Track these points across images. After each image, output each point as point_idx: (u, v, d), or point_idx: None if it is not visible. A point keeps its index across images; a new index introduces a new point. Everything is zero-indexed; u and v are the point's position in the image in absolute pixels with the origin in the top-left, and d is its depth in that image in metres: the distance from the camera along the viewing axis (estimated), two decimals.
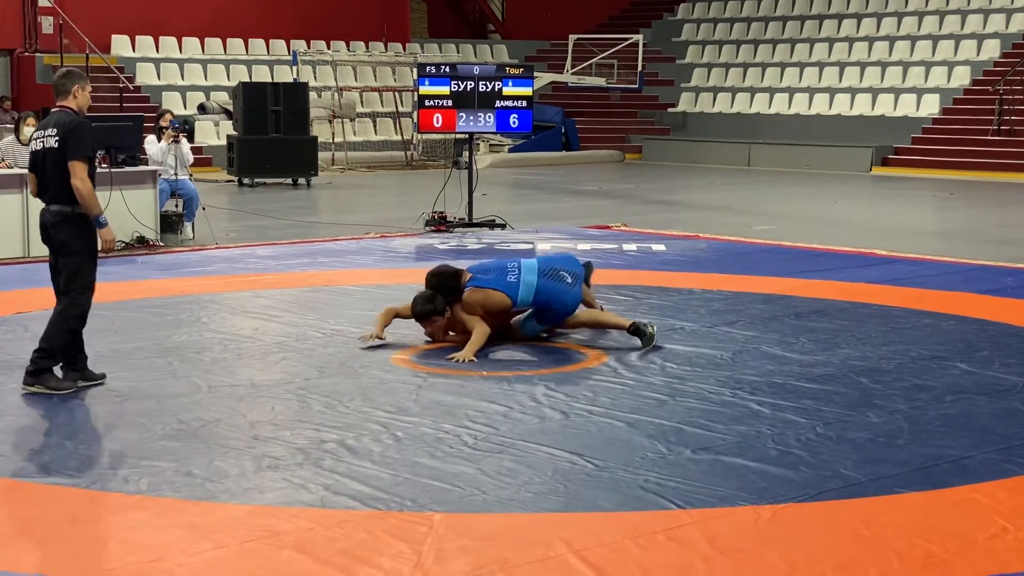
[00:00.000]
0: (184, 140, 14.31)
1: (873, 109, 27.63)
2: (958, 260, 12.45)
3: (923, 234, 15.74)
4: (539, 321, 8.35)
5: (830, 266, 11.96)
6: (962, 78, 27.16)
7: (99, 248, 7.13)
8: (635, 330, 8.19)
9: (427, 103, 14.66)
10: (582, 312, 8.51)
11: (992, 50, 27.51)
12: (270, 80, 26.26)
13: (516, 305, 8.22)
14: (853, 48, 29.48)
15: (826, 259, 12.49)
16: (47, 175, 7.09)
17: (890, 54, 28.81)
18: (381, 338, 8.20)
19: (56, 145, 7.00)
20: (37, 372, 7.02)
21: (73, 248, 7.04)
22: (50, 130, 7.06)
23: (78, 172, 6.93)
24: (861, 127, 27.14)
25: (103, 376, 7.25)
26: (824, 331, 8.81)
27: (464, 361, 7.73)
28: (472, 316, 8.08)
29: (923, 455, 5.97)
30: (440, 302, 8.15)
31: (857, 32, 29.95)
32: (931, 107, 26.84)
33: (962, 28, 28.48)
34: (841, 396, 7.03)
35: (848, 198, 20.34)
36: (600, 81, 29.30)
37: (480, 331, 7.96)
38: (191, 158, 14.66)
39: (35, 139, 7.16)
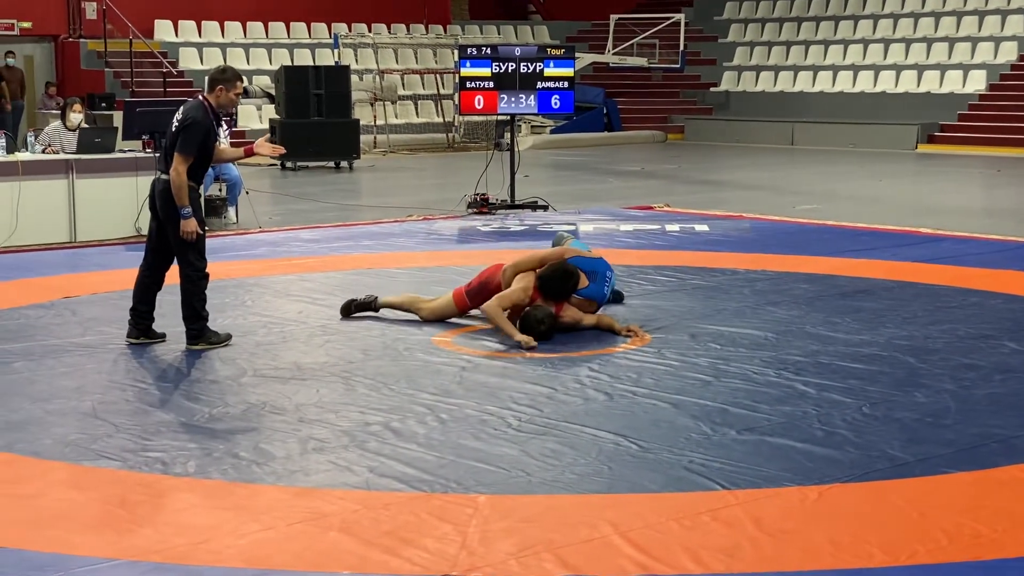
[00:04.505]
0: (224, 126, 14.35)
1: (918, 86, 27.35)
2: (1005, 238, 12.32)
3: (969, 212, 15.58)
4: None
5: (875, 245, 11.86)
6: (1009, 54, 26.83)
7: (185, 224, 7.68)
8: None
9: (468, 85, 14.66)
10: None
11: None
12: (312, 63, 26.33)
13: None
14: (898, 24, 29.19)
15: (871, 238, 12.39)
16: (165, 147, 7.83)
17: (935, 30, 28.50)
18: (532, 343, 7.74)
19: (173, 130, 7.68)
20: (197, 335, 7.72)
21: (177, 220, 7.62)
22: (179, 114, 7.74)
23: (177, 164, 7.55)
24: (906, 104, 26.88)
25: (163, 335, 7.92)
26: (869, 311, 8.75)
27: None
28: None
29: (971, 435, 5.92)
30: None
31: (902, 8, 29.64)
32: (977, 83, 26.54)
33: (1008, 3, 28.11)
34: (887, 376, 6.98)
35: (893, 176, 20.17)
36: (642, 61, 29.17)
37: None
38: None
39: (176, 114, 7.83)
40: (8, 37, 25.54)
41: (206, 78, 7.95)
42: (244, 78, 8.12)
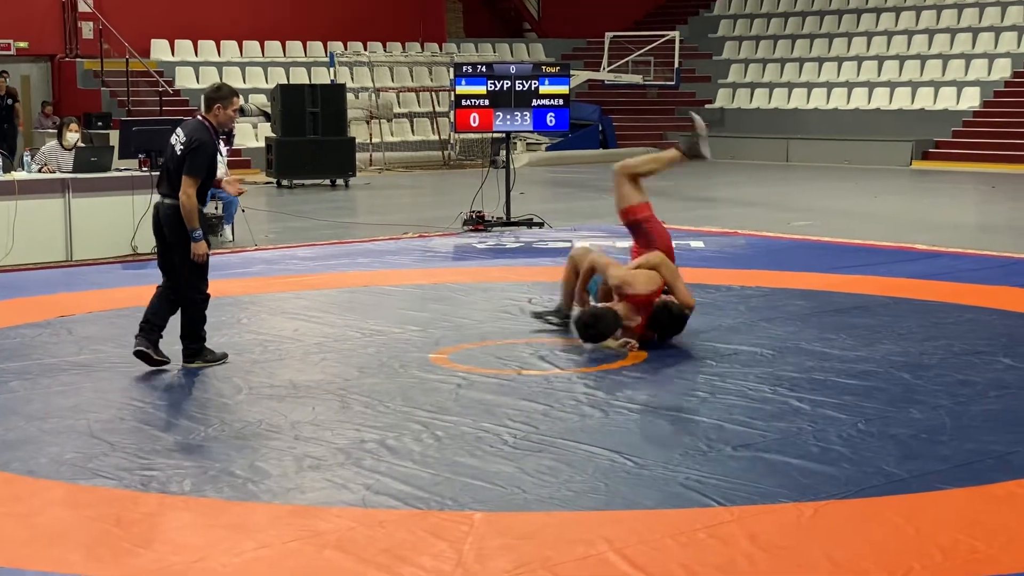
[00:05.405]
0: (222, 144, 14.39)
1: (913, 103, 27.42)
2: (1000, 254, 12.34)
3: (964, 228, 15.61)
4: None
5: (870, 261, 11.88)
6: (1003, 70, 26.90)
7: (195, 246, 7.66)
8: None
9: (464, 103, 14.69)
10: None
11: None
12: (308, 82, 26.35)
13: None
14: (892, 42, 29.27)
15: (866, 254, 12.41)
16: (164, 169, 7.77)
17: (929, 47, 28.58)
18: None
19: (179, 153, 7.60)
20: (194, 353, 7.72)
21: (185, 242, 7.60)
22: (183, 137, 7.65)
23: (186, 187, 7.53)
24: (901, 121, 26.94)
25: (167, 360, 7.73)
26: (864, 327, 8.76)
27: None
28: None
29: (966, 451, 5.93)
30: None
31: (896, 25, 29.74)
32: (971, 100, 26.61)
33: (1002, 20, 28.21)
34: (882, 392, 6.99)
35: (888, 193, 20.21)
36: (637, 78, 29.22)
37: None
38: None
39: (174, 134, 7.75)
40: (5, 57, 25.57)
41: (202, 97, 7.92)
42: (239, 94, 8.09)
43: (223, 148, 14.36)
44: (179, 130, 7.76)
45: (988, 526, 4.98)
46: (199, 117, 7.76)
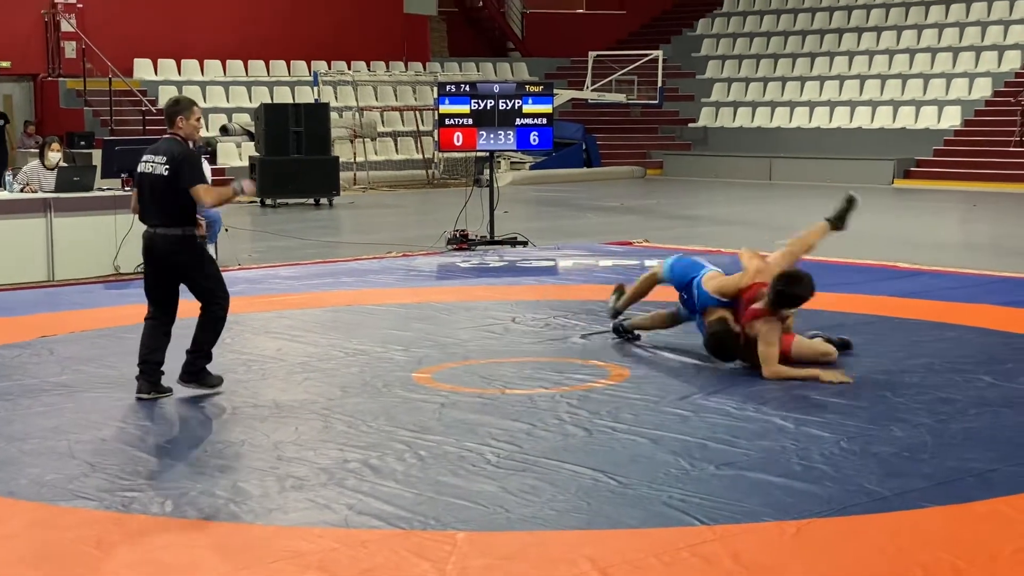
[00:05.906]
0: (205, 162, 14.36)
1: (894, 122, 27.56)
2: (981, 272, 12.39)
3: (946, 246, 15.68)
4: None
5: (852, 280, 11.91)
6: (983, 90, 27.08)
7: (243, 192, 7.54)
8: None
9: (447, 122, 14.70)
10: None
11: (1013, 61, 27.42)
12: (291, 101, 26.38)
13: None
14: (874, 61, 29.44)
15: (848, 272, 12.44)
16: (148, 199, 7.45)
17: (911, 66, 28.75)
18: None
19: (166, 174, 7.33)
20: (196, 375, 7.47)
21: (195, 264, 7.48)
22: (160, 157, 7.39)
23: (201, 197, 7.33)
24: (882, 140, 27.07)
25: (169, 391, 7.46)
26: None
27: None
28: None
29: (948, 468, 5.94)
30: None
31: (877, 45, 29.90)
32: (952, 119, 26.76)
33: (982, 40, 28.41)
34: (865, 410, 7.00)
35: (870, 211, 20.18)
36: (620, 97, 29.33)
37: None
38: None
39: (144, 162, 7.48)
40: None
41: (165, 116, 7.60)
42: (197, 104, 7.85)
43: (207, 167, 14.32)
44: (150, 155, 7.44)
45: (970, 544, 4.99)
46: (167, 135, 7.50)
